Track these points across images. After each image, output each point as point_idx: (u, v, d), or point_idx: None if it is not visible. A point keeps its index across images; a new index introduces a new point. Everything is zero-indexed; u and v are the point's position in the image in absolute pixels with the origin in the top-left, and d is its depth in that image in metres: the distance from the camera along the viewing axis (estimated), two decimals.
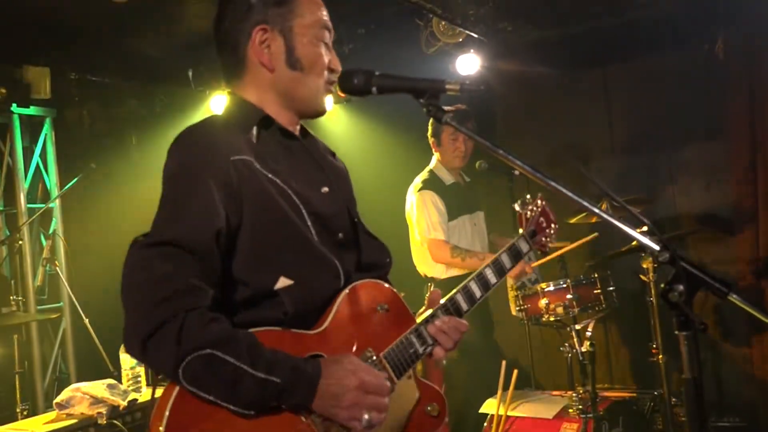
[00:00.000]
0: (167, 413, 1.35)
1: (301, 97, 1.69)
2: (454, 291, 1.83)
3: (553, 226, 2.15)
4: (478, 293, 1.87)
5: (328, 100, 1.79)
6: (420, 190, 4.22)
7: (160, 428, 1.34)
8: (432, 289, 3.80)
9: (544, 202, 2.16)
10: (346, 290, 1.63)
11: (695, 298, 1.34)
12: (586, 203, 1.47)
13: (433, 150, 4.38)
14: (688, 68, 4.88)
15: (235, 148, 1.53)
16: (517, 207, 2.14)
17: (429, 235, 4.10)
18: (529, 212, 2.12)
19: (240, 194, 1.49)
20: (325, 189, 1.68)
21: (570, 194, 1.48)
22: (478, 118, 4.65)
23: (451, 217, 4.23)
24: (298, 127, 1.77)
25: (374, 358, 1.63)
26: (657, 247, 1.39)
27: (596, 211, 1.48)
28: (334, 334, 1.58)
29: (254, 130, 1.62)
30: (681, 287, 1.34)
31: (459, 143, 4.25)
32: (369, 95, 1.69)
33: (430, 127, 4.36)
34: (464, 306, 1.83)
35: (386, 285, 1.74)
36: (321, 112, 1.76)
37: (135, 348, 1.37)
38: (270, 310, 1.51)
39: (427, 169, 4.37)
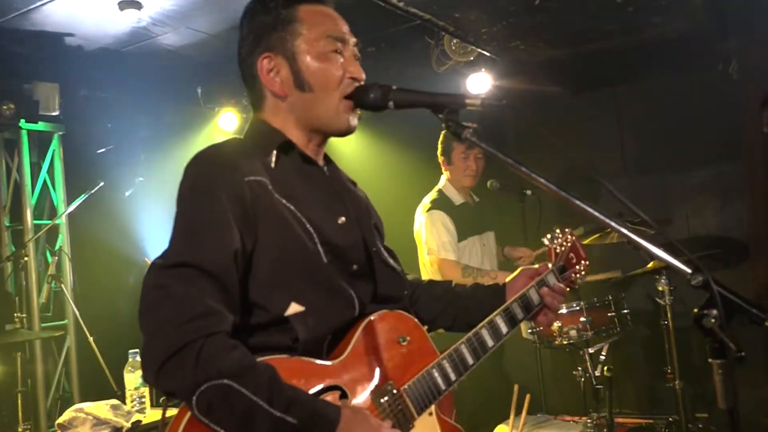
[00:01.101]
0: None
1: (319, 117, 1.62)
2: (479, 326, 1.76)
3: (583, 262, 2.06)
4: (504, 329, 1.80)
5: (353, 116, 1.67)
6: (429, 210, 4.15)
7: None
8: None
9: (574, 237, 2.08)
10: (367, 320, 1.56)
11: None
12: (614, 223, 1.41)
13: (443, 169, 4.31)
14: (701, 88, 4.83)
15: (251, 170, 1.49)
16: (545, 241, 2.06)
17: (439, 256, 4.03)
18: (558, 247, 2.04)
19: (255, 215, 1.44)
20: (342, 219, 1.61)
21: (597, 214, 1.42)
22: (488, 137, 4.60)
23: (461, 238, 4.15)
24: (322, 154, 1.72)
25: (395, 392, 1.56)
26: (689, 270, 1.33)
27: (624, 231, 1.41)
28: (354, 365, 1.52)
29: (273, 155, 1.57)
30: (715, 312, 1.27)
31: (470, 162, 4.18)
32: (385, 110, 1.63)
33: (440, 146, 4.29)
34: (489, 342, 1.76)
35: (408, 316, 1.68)
36: (345, 130, 1.66)
37: (150, 371, 1.31)
38: (280, 336, 1.46)
39: (436, 188, 4.30)
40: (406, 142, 5.43)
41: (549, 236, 2.06)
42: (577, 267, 2.04)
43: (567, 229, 2.09)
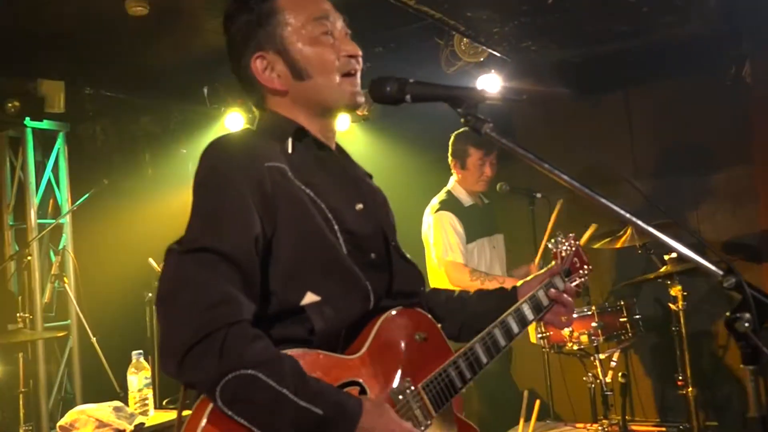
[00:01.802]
0: None
1: (324, 99, 1.61)
2: (492, 326, 1.74)
3: (586, 267, 2.08)
4: (516, 329, 1.78)
5: (358, 88, 1.64)
6: (437, 211, 4.08)
7: None
8: None
9: (577, 242, 2.10)
10: (386, 315, 1.54)
11: (720, 326, 1.23)
12: (640, 222, 1.35)
13: (455, 172, 4.23)
14: (713, 91, 4.77)
15: (270, 156, 1.47)
16: (551, 246, 2.08)
17: (447, 258, 3.97)
18: (563, 251, 2.05)
19: (275, 202, 1.42)
20: (360, 206, 1.59)
21: (623, 212, 1.36)
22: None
23: (470, 240, 4.09)
24: (334, 140, 1.71)
25: (413, 388, 1.54)
26: (721, 272, 1.27)
27: (650, 230, 1.35)
28: (372, 361, 1.50)
29: (289, 141, 1.56)
30: (748, 316, 1.22)
31: (486, 168, 4.10)
32: (402, 104, 1.58)
33: (451, 148, 4.22)
34: (502, 341, 1.74)
35: (424, 313, 1.67)
36: (352, 103, 1.64)
37: (173, 361, 1.27)
38: (296, 326, 1.44)
39: (445, 189, 4.23)
40: (414, 142, 5.39)
41: (553, 241, 2.06)
42: (581, 271, 2.07)
43: (570, 234, 2.09)
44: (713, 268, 1.29)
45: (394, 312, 1.56)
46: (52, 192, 5.46)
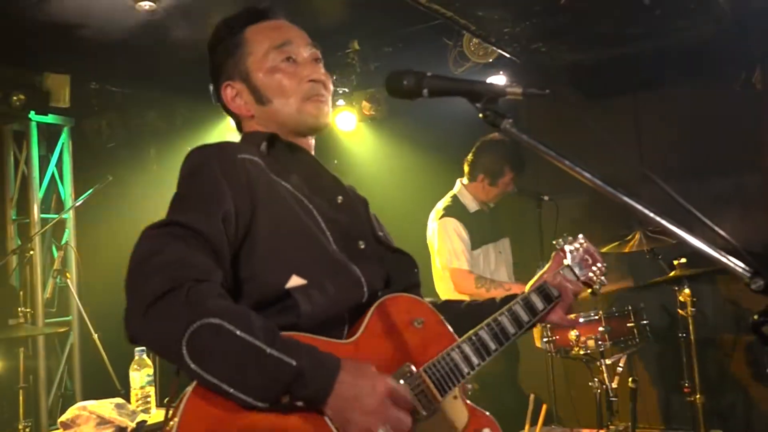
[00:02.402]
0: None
1: (285, 123, 1.67)
2: (498, 313, 1.71)
3: (599, 264, 2.02)
4: (525, 317, 1.76)
5: (322, 111, 1.69)
6: (442, 217, 4.02)
7: None
8: None
9: (586, 241, 2.05)
10: (379, 302, 1.53)
11: (726, 333, 1.19)
12: (664, 221, 1.31)
13: (473, 180, 4.12)
14: (722, 97, 4.74)
15: (245, 151, 1.55)
16: (556, 243, 2.03)
17: (452, 265, 3.91)
18: (572, 249, 2.00)
19: (250, 187, 1.47)
20: (340, 198, 1.65)
21: (647, 212, 1.32)
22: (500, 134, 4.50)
23: (475, 246, 4.03)
24: (312, 146, 1.76)
25: (414, 370, 1.49)
26: (748, 273, 1.23)
27: (676, 230, 1.32)
28: (368, 345, 1.47)
29: (264, 144, 1.62)
30: None
31: (509, 188, 4.12)
32: (419, 98, 1.54)
33: (480, 157, 4.09)
34: (510, 328, 1.71)
35: (422, 301, 1.64)
36: (316, 126, 1.69)
37: (136, 317, 1.25)
38: (284, 312, 1.42)
39: (451, 194, 4.16)
40: (421, 141, 5.35)
41: (561, 240, 2.03)
42: (594, 268, 2.00)
43: (580, 235, 2.06)
44: (740, 269, 1.26)
45: (388, 297, 1.55)
46: (56, 187, 5.44)
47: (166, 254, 1.30)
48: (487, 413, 1.62)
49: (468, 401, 1.60)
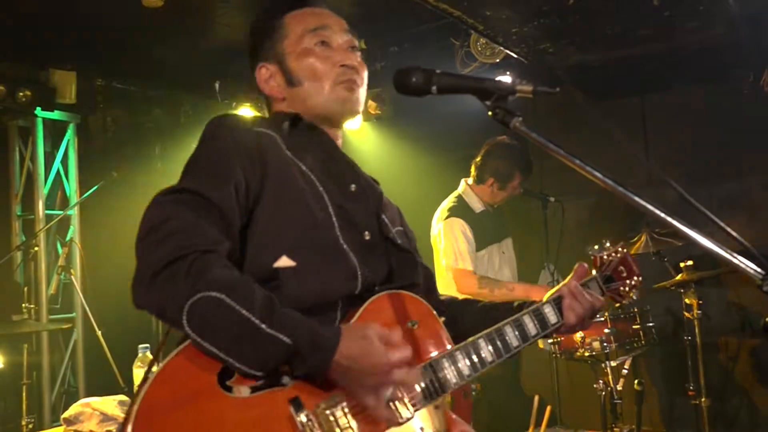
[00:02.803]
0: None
1: (315, 106, 1.66)
2: (503, 323, 1.65)
3: (635, 278, 1.94)
4: (532, 330, 1.70)
5: (352, 97, 1.68)
6: (448, 217, 3.97)
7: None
8: None
9: (626, 251, 1.98)
10: (376, 296, 1.50)
11: (730, 337, 1.17)
12: (676, 222, 1.30)
13: (480, 181, 4.07)
14: (730, 99, 4.72)
15: (263, 126, 1.56)
16: (591, 252, 1.97)
17: (456, 265, 3.88)
18: (606, 257, 1.94)
19: (263, 163, 1.47)
20: (353, 186, 1.63)
21: (659, 212, 1.31)
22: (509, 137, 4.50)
23: (480, 247, 4.00)
24: (340, 142, 1.75)
25: None
26: (761, 275, 1.22)
27: (689, 232, 1.30)
28: None
29: (286, 124, 1.62)
30: None
31: (516, 191, 4.09)
32: (427, 95, 1.53)
33: (489, 160, 4.04)
34: (514, 341, 1.65)
35: (421, 300, 1.59)
36: (344, 111, 1.69)
37: (142, 286, 1.28)
38: (272, 291, 1.37)
39: (456, 194, 4.13)
40: (427, 140, 5.34)
41: (596, 247, 1.97)
42: (627, 281, 1.94)
43: (621, 243, 1.99)
44: (752, 271, 1.24)
45: (384, 294, 1.51)
46: (61, 183, 5.43)
47: (173, 222, 1.31)
48: (467, 426, 1.54)
49: (451, 413, 1.52)
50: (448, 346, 1.56)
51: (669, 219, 1.30)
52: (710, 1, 3.66)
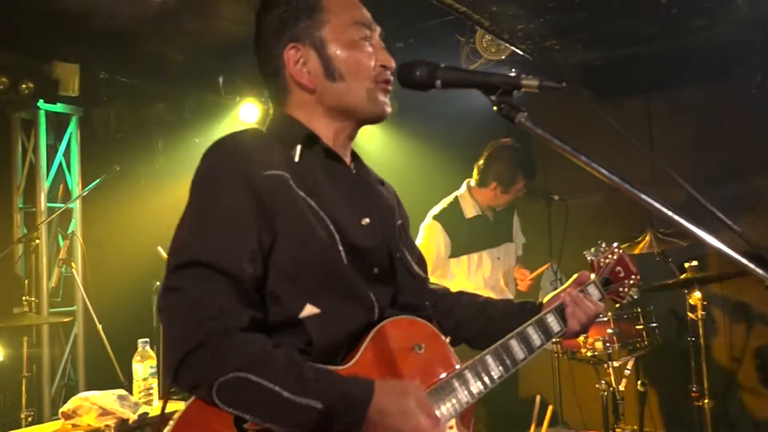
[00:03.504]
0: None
1: (351, 104, 1.56)
2: (508, 337, 1.64)
3: (633, 277, 1.94)
4: (537, 342, 1.68)
5: (387, 101, 1.61)
6: (433, 219, 3.98)
7: None
8: None
9: (622, 251, 1.97)
10: (381, 324, 1.47)
11: (734, 337, 1.14)
12: (683, 220, 1.27)
13: (482, 184, 4.02)
14: (736, 99, 4.69)
15: (272, 163, 1.44)
16: (588, 255, 1.97)
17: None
18: (603, 260, 1.94)
19: (273, 211, 1.39)
20: (366, 220, 1.55)
21: (667, 211, 1.28)
22: (512, 139, 4.46)
23: (460, 252, 3.98)
24: (350, 150, 1.66)
25: None
26: None
27: (695, 230, 1.27)
28: (363, 373, 1.41)
29: (297, 149, 1.51)
30: None
31: (520, 194, 4.06)
32: (432, 90, 1.50)
33: (492, 163, 3.99)
34: (520, 354, 1.63)
35: (425, 323, 1.57)
36: (380, 115, 1.59)
37: (170, 373, 1.31)
38: (293, 338, 1.39)
39: (453, 195, 4.10)
40: (431, 142, 5.32)
41: (593, 250, 1.96)
42: (626, 281, 1.94)
43: (615, 243, 1.99)
44: (761, 273, 1.21)
45: (391, 320, 1.49)
46: (63, 176, 5.42)
47: (192, 305, 1.30)
48: None
49: (462, 428, 1.52)
50: (457, 366, 1.54)
51: (676, 217, 1.28)
52: (718, 0, 3.63)
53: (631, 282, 1.94)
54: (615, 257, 1.93)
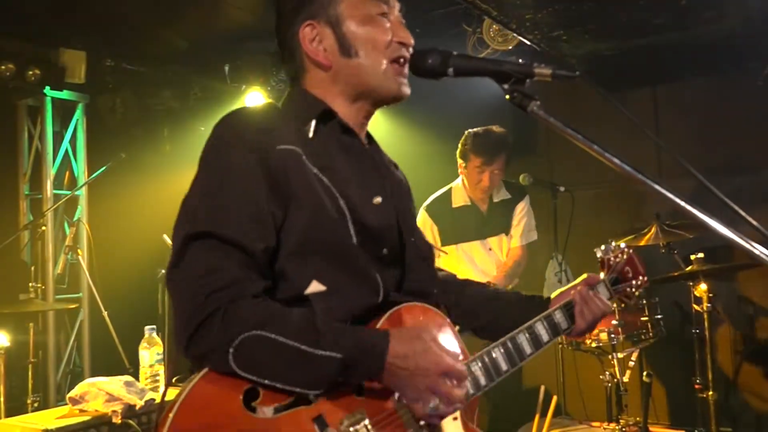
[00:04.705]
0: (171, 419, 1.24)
1: (368, 83, 1.53)
2: (517, 330, 1.65)
3: (641, 278, 1.95)
4: (545, 338, 1.69)
5: (406, 81, 1.57)
6: (424, 208, 4.09)
7: None
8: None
9: (631, 251, 1.98)
10: (393, 310, 1.47)
11: (738, 330, 1.14)
12: (697, 212, 1.27)
13: (460, 168, 4.12)
14: (743, 92, 4.66)
15: (285, 138, 1.42)
16: (599, 253, 1.97)
17: None
18: (612, 258, 1.94)
19: (285, 186, 1.38)
20: (378, 199, 1.53)
21: (679, 200, 1.28)
22: (518, 130, 4.45)
23: (453, 241, 4.05)
24: (365, 130, 1.64)
25: None
26: None
27: (707, 220, 1.27)
28: None
29: (312, 124, 1.50)
30: None
31: (484, 176, 3.98)
32: (444, 77, 1.50)
33: (460, 147, 4.08)
34: (527, 348, 1.64)
35: (438, 312, 1.58)
36: (397, 95, 1.56)
37: (181, 345, 1.29)
38: None
39: (449, 185, 4.18)
40: (436, 130, 5.30)
41: (603, 247, 1.97)
42: (634, 282, 1.95)
43: (623, 244, 1.99)
44: None
45: (404, 306, 1.49)
46: (69, 163, 5.43)
47: (201, 275, 1.29)
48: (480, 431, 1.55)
49: (471, 424, 1.53)
50: (463, 357, 1.55)
51: (689, 207, 1.28)
52: None
53: (639, 283, 1.95)
54: (625, 257, 1.95)
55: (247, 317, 1.26)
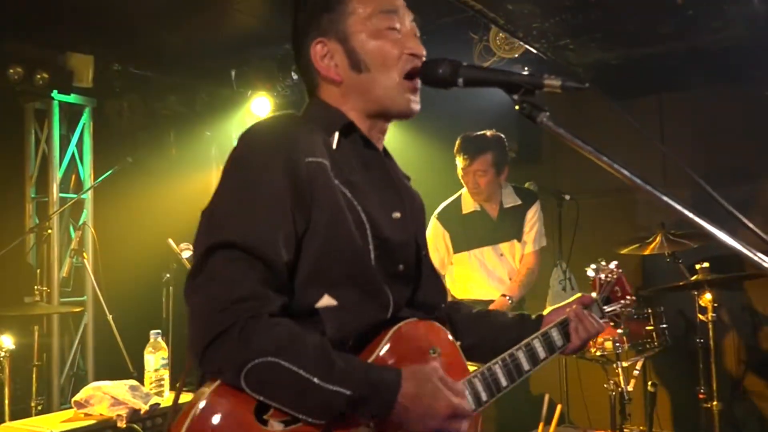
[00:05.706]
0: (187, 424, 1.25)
1: (378, 98, 1.53)
2: (515, 348, 1.65)
3: (628, 298, 1.98)
4: (542, 355, 1.69)
5: (415, 99, 1.56)
6: (435, 216, 4.10)
7: None
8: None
9: (620, 271, 2.01)
10: (398, 325, 1.47)
11: (743, 344, 1.14)
12: (704, 223, 1.28)
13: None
14: (749, 101, 4.66)
15: (312, 150, 1.41)
16: (590, 272, 2.00)
17: None
18: (602, 278, 1.98)
19: (310, 200, 1.38)
20: (397, 214, 1.53)
21: (686, 211, 1.29)
22: (523, 138, 4.45)
23: (463, 248, 4.05)
24: (382, 144, 1.64)
25: None
26: None
27: (713, 230, 1.28)
28: None
29: (335, 135, 1.50)
30: None
31: (469, 178, 3.98)
32: (453, 87, 1.51)
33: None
34: (526, 365, 1.64)
35: (441, 327, 1.58)
36: (406, 112, 1.56)
37: (195, 355, 1.29)
38: (307, 328, 1.37)
39: (460, 191, 4.17)
40: (441, 140, 5.30)
41: (594, 267, 1.99)
42: (622, 301, 1.98)
43: (614, 263, 2.02)
44: None
45: (408, 322, 1.49)
46: (76, 167, 5.44)
47: (221, 287, 1.29)
48: None
49: None
50: (467, 373, 1.56)
51: (694, 217, 1.28)
52: (734, 1, 3.61)
53: (627, 302, 1.98)
54: (615, 276, 1.98)
55: (263, 341, 1.26)
